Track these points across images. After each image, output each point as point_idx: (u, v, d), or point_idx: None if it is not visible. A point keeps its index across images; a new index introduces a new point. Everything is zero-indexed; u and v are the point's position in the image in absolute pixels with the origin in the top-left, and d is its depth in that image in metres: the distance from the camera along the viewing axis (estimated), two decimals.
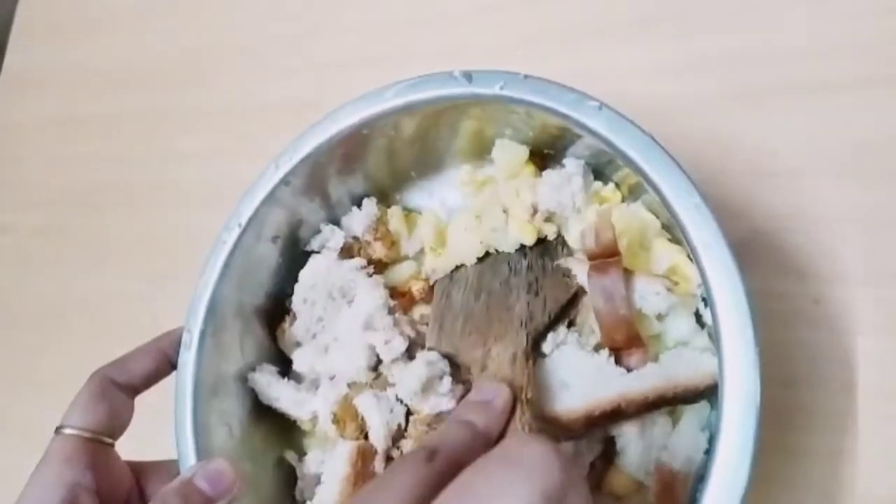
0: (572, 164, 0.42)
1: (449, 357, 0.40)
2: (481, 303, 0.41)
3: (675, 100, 0.50)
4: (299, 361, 0.44)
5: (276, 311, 0.46)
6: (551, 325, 0.40)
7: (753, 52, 0.49)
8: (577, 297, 0.41)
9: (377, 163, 0.46)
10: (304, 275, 0.45)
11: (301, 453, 0.46)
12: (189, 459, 0.40)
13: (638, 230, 0.41)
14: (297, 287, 0.45)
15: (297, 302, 0.45)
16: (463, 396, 0.39)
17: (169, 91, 0.67)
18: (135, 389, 0.39)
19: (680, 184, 0.35)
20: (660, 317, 0.39)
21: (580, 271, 0.40)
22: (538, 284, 0.41)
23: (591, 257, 0.39)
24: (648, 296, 0.38)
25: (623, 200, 0.43)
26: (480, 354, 0.38)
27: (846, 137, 0.46)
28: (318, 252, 0.46)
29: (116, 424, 0.37)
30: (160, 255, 0.42)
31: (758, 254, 0.45)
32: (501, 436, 0.33)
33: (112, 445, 0.37)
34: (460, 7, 0.59)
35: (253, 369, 0.45)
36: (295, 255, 0.47)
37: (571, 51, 0.55)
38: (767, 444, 0.31)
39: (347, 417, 0.43)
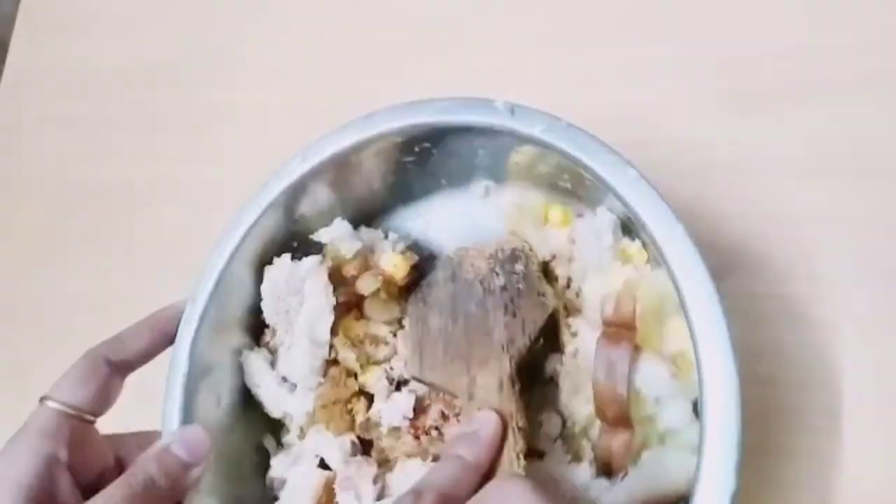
0: (605, 219, 0.40)
1: (434, 387, 0.40)
2: (459, 327, 0.40)
3: (660, 103, 0.50)
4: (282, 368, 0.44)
5: (258, 325, 0.46)
6: (531, 347, 0.39)
7: (739, 55, 0.49)
8: (553, 316, 0.40)
9: (398, 172, 0.45)
10: (265, 289, 0.44)
11: (278, 442, 0.46)
12: (173, 423, 0.41)
13: (656, 299, 0.39)
14: (263, 305, 0.44)
15: (269, 316, 0.44)
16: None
17: (169, 91, 0.66)
18: (130, 366, 0.39)
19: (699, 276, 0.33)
20: (657, 400, 0.37)
21: (587, 334, 0.39)
22: (514, 305, 0.40)
23: (606, 324, 0.38)
24: (651, 379, 0.36)
25: (647, 262, 0.40)
26: (466, 383, 0.38)
27: (832, 138, 0.45)
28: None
29: (102, 404, 0.38)
30: (160, 255, 0.42)
31: (745, 255, 0.45)
32: (494, 467, 0.33)
33: (93, 423, 0.37)
34: (450, 10, 0.58)
35: (251, 348, 0.45)
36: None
37: (562, 55, 0.54)
38: (754, 443, 0.31)
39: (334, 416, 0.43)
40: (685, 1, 0.51)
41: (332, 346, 0.43)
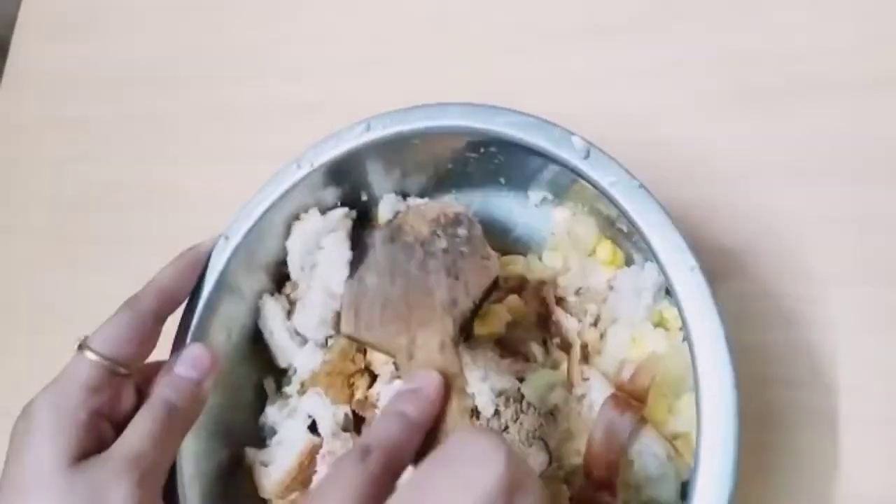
0: (651, 279, 0.38)
1: (370, 346, 0.39)
2: (398, 287, 0.40)
3: (660, 103, 0.49)
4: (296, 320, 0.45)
5: (283, 276, 0.46)
6: (476, 311, 0.39)
7: (740, 55, 0.48)
8: (497, 282, 0.40)
9: (459, 162, 0.44)
10: (291, 243, 0.44)
11: (279, 387, 0.47)
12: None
13: (676, 373, 0.38)
14: (289, 259, 0.44)
15: (294, 270, 0.44)
16: None
17: (169, 91, 0.64)
18: (170, 312, 0.40)
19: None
20: (648, 474, 0.37)
21: (597, 383, 0.38)
22: (457, 267, 0.39)
23: (618, 388, 0.37)
24: (647, 454, 0.36)
25: (681, 329, 0.39)
26: (405, 342, 0.37)
27: (832, 138, 0.45)
28: None
29: (141, 359, 0.38)
30: (160, 255, 0.41)
31: (745, 255, 0.44)
32: (438, 425, 0.33)
33: (130, 376, 0.37)
34: (449, 11, 0.57)
35: (272, 294, 0.46)
36: None
37: (561, 54, 0.53)
38: (750, 442, 0.32)
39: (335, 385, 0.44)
40: (687, 1, 0.50)
41: None
